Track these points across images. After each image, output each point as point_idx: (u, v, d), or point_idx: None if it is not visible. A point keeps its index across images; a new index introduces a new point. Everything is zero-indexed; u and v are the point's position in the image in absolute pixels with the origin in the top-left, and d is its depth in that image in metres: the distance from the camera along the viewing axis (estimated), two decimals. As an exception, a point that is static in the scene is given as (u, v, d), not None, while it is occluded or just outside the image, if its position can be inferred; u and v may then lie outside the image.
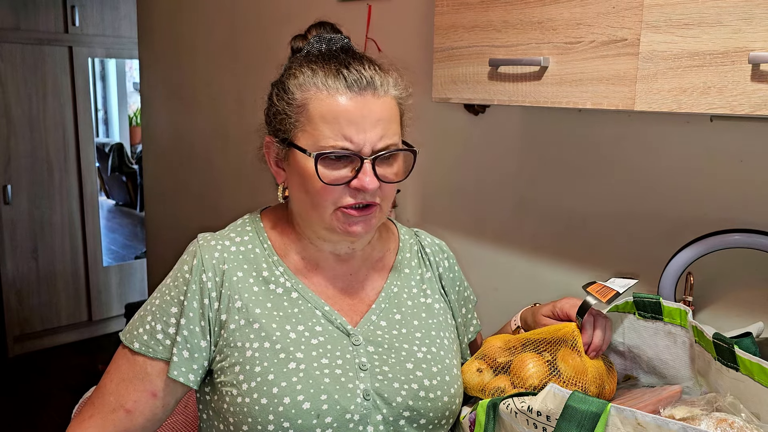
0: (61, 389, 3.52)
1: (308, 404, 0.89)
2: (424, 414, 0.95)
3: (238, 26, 2.41)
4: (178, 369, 0.94)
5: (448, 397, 0.98)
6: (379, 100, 0.93)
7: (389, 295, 1.04)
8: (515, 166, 1.58)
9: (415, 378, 0.96)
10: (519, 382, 0.97)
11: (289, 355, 0.92)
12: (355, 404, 0.91)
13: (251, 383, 0.91)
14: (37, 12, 3.79)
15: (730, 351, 0.85)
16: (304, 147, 0.93)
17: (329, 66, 0.94)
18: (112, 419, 0.95)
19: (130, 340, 0.97)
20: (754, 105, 0.88)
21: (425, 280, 1.09)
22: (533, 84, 1.14)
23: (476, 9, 1.22)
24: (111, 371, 0.98)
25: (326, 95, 0.92)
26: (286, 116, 0.95)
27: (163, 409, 0.97)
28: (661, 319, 1.00)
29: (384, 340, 0.98)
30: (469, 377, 1.03)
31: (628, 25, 0.99)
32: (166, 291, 0.98)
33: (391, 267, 1.07)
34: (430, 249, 1.13)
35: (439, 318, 1.06)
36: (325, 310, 0.98)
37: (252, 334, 0.94)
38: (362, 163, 0.91)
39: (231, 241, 1.01)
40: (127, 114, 6.79)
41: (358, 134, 0.91)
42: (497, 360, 1.02)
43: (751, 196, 1.20)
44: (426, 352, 0.99)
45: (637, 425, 0.71)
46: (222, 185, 2.65)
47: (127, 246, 5.60)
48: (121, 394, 0.96)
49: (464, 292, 1.17)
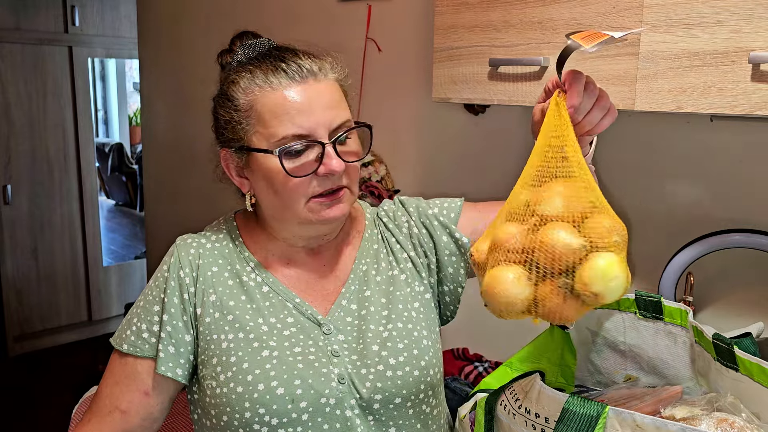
0: (61, 389, 3.52)
1: (282, 389, 0.90)
2: (397, 393, 0.95)
3: (238, 26, 2.40)
4: (165, 364, 0.96)
5: (419, 370, 0.97)
6: (320, 84, 0.94)
7: (357, 275, 1.04)
8: (515, 166, 1.58)
9: (380, 359, 0.96)
10: (557, 263, 0.71)
11: (263, 344, 0.94)
12: (330, 388, 0.92)
13: (228, 373, 0.93)
14: (37, 12, 3.79)
15: (729, 351, 0.85)
16: (263, 147, 0.93)
17: (265, 64, 0.95)
18: (108, 421, 0.98)
19: (119, 343, 0.99)
20: (754, 105, 0.88)
21: (389, 252, 1.08)
22: (533, 84, 1.14)
23: (476, 9, 1.22)
24: (105, 376, 1.01)
25: (270, 91, 0.93)
26: (235, 123, 0.95)
27: (158, 408, 0.99)
28: (662, 319, 1.00)
29: (353, 328, 0.99)
30: (510, 293, 0.72)
31: (629, 25, 0.99)
32: (148, 292, 1.01)
33: (359, 247, 1.07)
34: (387, 217, 1.10)
35: (405, 289, 1.04)
36: (296, 302, 0.99)
37: (227, 326, 0.96)
38: (324, 147, 0.92)
39: (206, 239, 1.03)
40: (127, 114, 6.79)
41: (309, 120, 0.91)
42: (522, 246, 0.73)
43: (751, 196, 1.20)
44: (392, 329, 0.99)
45: (635, 427, 0.71)
46: (222, 185, 2.65)
47: (127, 246, 5.59)
48: (115, 396, 0.98)
49: (434, 221, 1.07)
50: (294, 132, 0.91)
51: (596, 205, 0.72)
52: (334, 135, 0.93)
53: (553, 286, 0.70)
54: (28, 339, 3.98)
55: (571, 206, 0.71)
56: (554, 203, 0.72)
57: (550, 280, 0.71)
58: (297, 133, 0.91)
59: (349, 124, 0.96)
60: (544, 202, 0.73)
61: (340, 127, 0.94)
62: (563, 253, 0.69)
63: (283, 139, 0.91)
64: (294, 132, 0.91)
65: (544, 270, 0.71)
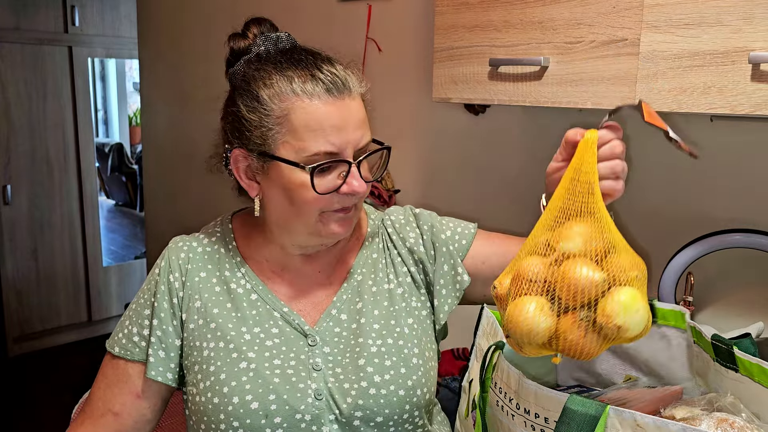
0: (61, 389, 3.52)
1: (256, 404, 0.89)
2: (379, 412, 0.92)
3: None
4: (156, 369, 0.96)
5: (404, 390, 0.93)
6: (354, 101, 0.92)
7: (351, 284, 1.02)
8: (515, 166, 1.58)
9: (365, 375, 0.93)
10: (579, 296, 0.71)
11: (241, 355, 0.93)
12: (305, 404, 0.90)
13: (207, 382, 0.92)
14: (36, 12, 3.79)
15: (729, 352, 0.85)
16: (291, 159, 0.89)
17: (302, 71, 0.90)
18: (101, 423, 0.98)
19: (112, 346, 1.00)
20: (754, 105, 0.88)
21: (390, 264, 1.04)
22: (533, 84, 1.14)
23: (476, 9, 1.22)
24: (98, 378, 1.01)
25: (308, 103, 0.88)
26: (264, 128, 0.90)
27: (151, 410, 0.99)
28: (655, 322, 0.99)
29: (341, 339, 0.97)
30: (532, 322, 0.72)
31: (629, 25, 0.99)
32: (140, 295, 1.01)
33: (356, 255, 1.05)
34: (393, 228, 1.07)
35: (401, 304, 1.01)
36: (283, 311, 0.98)
37: (209, 333, 0.95)
38: (350, 167, 0.90)
39: (198, 242, 1.02)
40: (127, 114, 6.78)
41: (341, 138, 0.89)
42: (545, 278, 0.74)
43: (751, 196, 1.20)
44: (381, 345, 0.96)
45: (636, 426, 0.71)
46: (222, 185, 2.65)
47: (126, 246, 5.59)
48: (108, 398, 0.98)
49: (443, 247, 1.04)
50: (326, 149, 0.89)
51: (616, 244, 0.74)
52: (359, 155, 0.92)
53: (574, 319, 0.71)
54: (27, 339, 3.97)
55: (593, 243, 0.73)
56: (575, 241, 0.73)
57: (572, 313, 0.71)
58: (329, 151, 0.89)
59: (372, 145, 0.94)
60: (564, 239, 0.74)
61: (365, 147, 0.93)
62: (585, 286, 0.70)
63: (315, 155, 0.88)
64: (326, 149, 0.89)
65: (566, 303, 0.71)
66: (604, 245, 0.73)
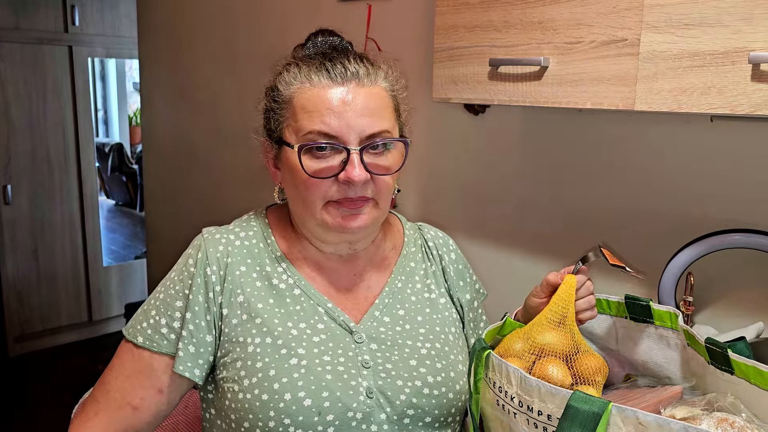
0: (61, 389, 3.52)
1: (309, 401, 0.88)
2: (429, 411, 0.94)
3: (238, 26, 2.41)
4: (184, 364, 0.92)
5: (453, 393, 0.96)
6: (364, 89, 0.92)
7: (392, 290, 1.02)
8: (515, 166, 1.58)
9: (418, 375, 0.94)
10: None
11: (291, 351, 0.91)
12: (357, 402, 0.90)
13: (252, 379, 0.89)
14: (36, 11, 3.79)
15: (723, 355, 0.85)
16: (290, 141, 0.93)
17: (314, 61, 0.94)
18: (118, 417, 0.94)
19: (134, 335, 0.95)
20: (754, 105, 0.88)
21: (429, 275, 1.07)
22: (533, 84, 1.14)
23: (477, 9, 1.22)
24: (114, 367, 0.96)
25: (308, 87, 0.92)
26: (274, 114, 0.96)
27: (167, 405, 0.96)
28: (652, 323, 0.99)
29: (387, 337, 0.97)
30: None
31: (629, 25, 0.99)
32: (170, 285, 0.97)
33: (395, 263, 1.06)
34: (433, 242, 1.11)
35: (444, 313, 1.04)
36: (327, 307, 0.97)
37: (254, 329, 0.93)
38: (349, 154, 0.89)
39: (235, 236, 0.99)
40: (127, 114, 6.79)
41: (339, 121, 0.89)
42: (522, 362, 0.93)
43: (751, 196, 1.20)
44: (430, 348, 0.97)
45: (638, 425, 0.71)
46: (222, 185, 2.65)
47: (127, 246, 5.59)
48: (127, 390, 0.94)
49: (474, 285, 1.14)
50: (320, 129, 0.89)
51: (583, 349, 0.90)
52: (365, 143, 0.90)
53: None
54: (28, 339, 3.97)
55: (563, 345, 0.90)
56: (549, 338, 0.90)
57: None
58: (322, 131, 0.89)
59: (386, 135, 0.92)
60: (540, 337, 0.90)
61: (374, 136, 0.91)
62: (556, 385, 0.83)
63: (308, 134, 0.90)
64: (320, 129, 0.89)
65: None
66: (572, 348, 0.90)
